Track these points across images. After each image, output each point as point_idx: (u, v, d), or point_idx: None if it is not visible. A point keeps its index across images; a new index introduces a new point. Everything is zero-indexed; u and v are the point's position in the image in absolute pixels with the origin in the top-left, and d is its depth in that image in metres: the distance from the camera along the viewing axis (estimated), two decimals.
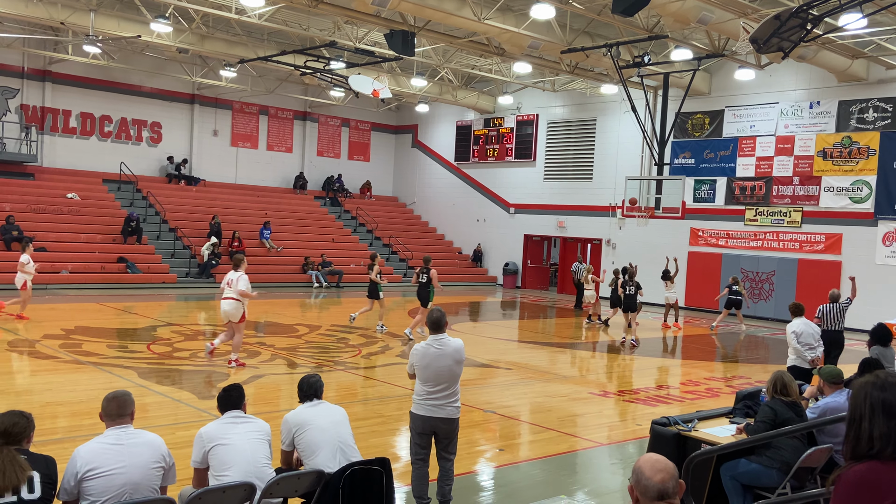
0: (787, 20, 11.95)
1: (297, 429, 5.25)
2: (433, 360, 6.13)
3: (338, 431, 5.30)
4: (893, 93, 20.84)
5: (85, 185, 26.71)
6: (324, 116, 33.78)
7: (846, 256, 21.66)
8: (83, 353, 12.73)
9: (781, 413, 6.01)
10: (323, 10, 18.46)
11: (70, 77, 27.05)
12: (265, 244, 27.09)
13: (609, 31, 21.13)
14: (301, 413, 5.37)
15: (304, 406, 5.46)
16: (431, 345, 6.19)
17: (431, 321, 6.27)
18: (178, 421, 9.00)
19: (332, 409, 5.50)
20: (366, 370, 12.66)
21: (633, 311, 17.25)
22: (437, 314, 6.32)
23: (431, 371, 6.13)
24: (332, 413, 5.43)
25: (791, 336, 9.97)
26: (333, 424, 5.32)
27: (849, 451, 2.55)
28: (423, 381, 6.17)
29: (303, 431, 5.23)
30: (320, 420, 5.29)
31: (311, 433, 5.21)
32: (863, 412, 2.51)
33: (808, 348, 9.90)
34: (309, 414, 5.34)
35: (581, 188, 28.27)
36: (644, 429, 8.21)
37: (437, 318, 6.30)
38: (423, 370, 6.16)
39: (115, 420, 4.42)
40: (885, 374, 2.60)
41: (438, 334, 6.25)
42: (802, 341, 9.90)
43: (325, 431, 5.23)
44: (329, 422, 5.32)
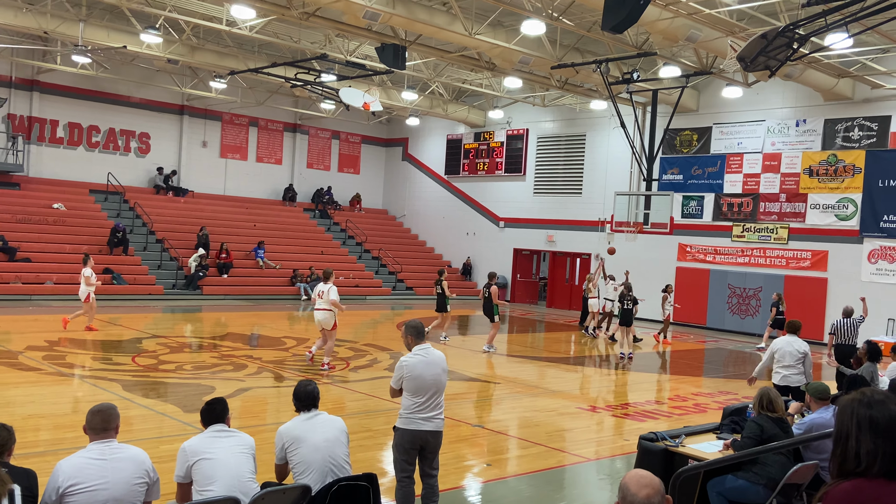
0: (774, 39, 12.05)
1: (291, 444, 5.11)
2: (424, 370, 6.02)
3: (331, 451, 5.14)
4: (879, 112, 21.06)
5: (71, 196, 26.55)
6: (314, 129, 33.78)
7: (832, 273, 21.79)
8: (67, 364, 12.61)
9: (768, 429, 6.02)
10: (314, 23, 18.50)
11: (58, 87, 26.95)
12: (259, 262, 26.89)
13: (599, 48, 21.28)
14: (295, 427, 5.21)
15: (300, 418, 5.29)
16: (418, 354, 6.07)
17: (416, 330, 6.15)
18: (162, 434, 8.91)
19: (330, 423, 5.31)
20: (353, 383, 12.59)
21: (628, 326, 17.27)
22: (418, 323, 6.21)
23: (421, 382, 6.01)
24: (328, 429, 5.25)
25: (769, 351, 9.79)
26: (327, 443, 5.15)
27: (835, 469, 2.54)
28: (413, 394, 6.01)
29: (295, 448, 5.09)
30: (315, 437, 5.14)
31: (304, 451, 5.07)
32: (849, 429, 2.51)
33: (782, 367, 9.57)
34: (304, 429, 5.19)
35: (570, 203, 28.36)
36: (632, 444, 8.20)
37: (419, 327, 6.19)
38: (412, 381, 5.99)
39: (99, 434, 4.35)
40: (872, 391, 2.59)
41: (422, 343, 6.16)
42: (778, 359, 9.62)
43: (319, 451, 5.09)
44: (323, 439, 5.15)
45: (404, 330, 6.21)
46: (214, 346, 15.73)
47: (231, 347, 15.48)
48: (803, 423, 6.56)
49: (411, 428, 6.07)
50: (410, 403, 6.05)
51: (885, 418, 2.47)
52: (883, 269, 20.89)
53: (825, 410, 6.55)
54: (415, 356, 6.06)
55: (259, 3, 17.41)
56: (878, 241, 20.96)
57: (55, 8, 20.29)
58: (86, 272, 16.50)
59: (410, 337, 6.15)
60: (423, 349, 6.10)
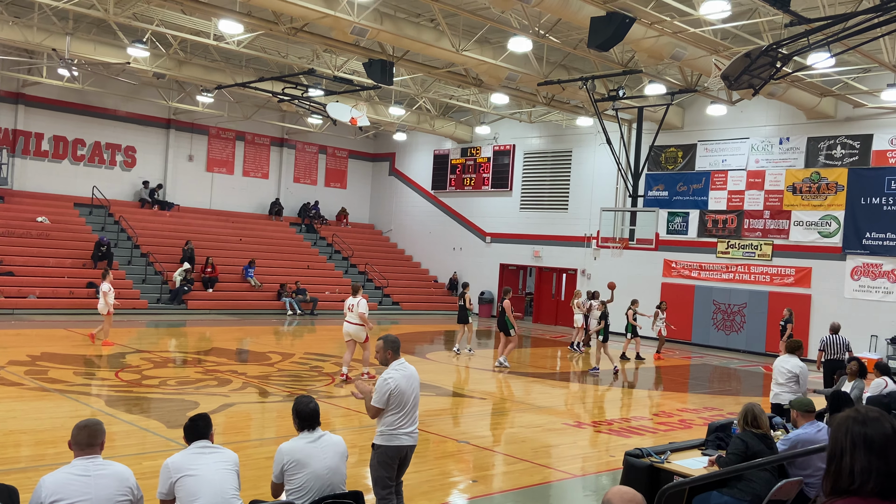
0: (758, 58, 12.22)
1: (292, 466, 5.04)
2: (406, 386, 6.00)
3: (332, 480, 5.09)
4: (861, 130, 21.33)
5: (56, 209, 26.37)
6: (301, 143, 33.79)
7: (815, 290, 21.97)
8: (49, 380, 12.48)
9: (752, 445, 6.04)
10: (302, 38, 18.56)
11: (43, 100, 26.83)
12: (250, 282, 26.73)
13: (585, 65, 21.45)
14: (299, 449, 5.12)
15: (303, 439, 5.22)
16: (398, 370, 6.05)
17: (394, 345, 6.12)
18: (145, 450, 8.83)
19: (332, 447, 5.25)
20: (339, 399, 12.53)
21: (606, 341, 17.36)
22: (395, 338, 6.18)
23: (403, 397, 5.99)
24: (331, 455, 5.18)
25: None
26: (329, 472, 5.09)
27: (829, 487, 2.55)
28: (397, 409, 5.98)
29: (296, 472, 5.03)
30: (318, 464, 5.07)
31: (304, 477, 5.01)
32: (843, 447, 2.51)
33: (775, 384, 9.59)
34: (307, 452, 5.11)
35: (556, 218, 28.47)
36: (617, 460, 8.20)
37: (397, 342, 6.17)
38: (398, 396, 5.96)
39: (84, 449, 4.31)
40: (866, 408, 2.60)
41: (399, 358, 6.14)
42: (774, 377, 9.69)
43: (319, 479, 5.03)
44: (325, 468, 5.09)
45: (382, 344, 6.12)
46: (199, 361, 15.62)
47: (216, 362, 15.38)
48: (788, 438, 6.58)
49: (395, 444, 6.06)
50: (394, 419, 6.02)
51: (880, 436, 2.48)
52: (865, 286, 21.09)
53: (810, 426, 6.57)
54: (396, 371, 6.03)
55: (247, 18, 17.46)
56: (861, 257, 21.17)
57: (42, 21, 20.24)
58: (104, 287, 16.64)
59: (389, 352, 6.09)
60: (400, 364, 6.09)
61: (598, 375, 16.79)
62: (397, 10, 18.58)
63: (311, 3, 15.64)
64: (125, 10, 18.28)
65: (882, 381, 9.49)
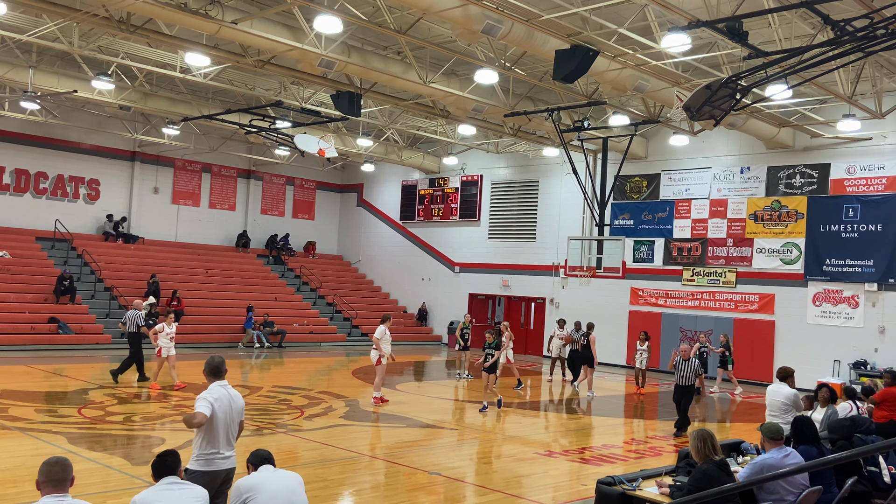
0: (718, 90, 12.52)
1: (249, 494, 5.05)
2: (219, 408, 6.05)
3: (290, 499, 5.11)
4: (818, 160, 21.89)
5: (16, 243, 25.87)
6: (268, 174, 33.68)
7: (779, 316, 22.32)
8: (9, 417, 12.15)
9: (716, 479, 5.83)
10: (269, 70, 18.60)
11: (5, 133, 26.44)
12: (251, 334, 26.11)
13: (550, 97, 21.79)
14: (253, 478, 5.19)
15: (256, 472, 5.28)
16: (225, 389, 6.12)
17: (212, 367, 6.21)
18: (108, 489, 8.62)
19: (287, 475, 5.33)
20: (307, 432, 12.37)
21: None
22: (214, 360, 6.26)
23: (216, 421, 6.04)
24: (287, 477, 5.26)
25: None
26: (287, 491, 5.13)
27: None
28: (219, 430, 6.01)
29: (254, 497, 5.04)
30: (273, 485, 5.12)
31: (263, 498, 5.03)
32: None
33: (770, 415, 9.43)
34: (262, 478, 5.16)
35: (525, 248, 28.65)
36: (589, 489, 8.19)
37: (213, 364, 6.25)
38: (211, 420, 5.98)
39: (56, 486, 4.20)
40: None
41: (220, 380, 6.20)
42: (767, 405, 9.58)
43: (278, 498, 5.06)
44: (283, 487, 5.14)
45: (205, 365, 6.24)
46: (164, 397, 15.33)
47: (182, 397, 15.11)
48: (755, 463, 6.60)
49: (212, 469, 6.03)
50: (208, 442, 6.05)
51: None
52: (827, 312, 21.48)
53: (778, 451, 6.60)
54: (210, 394, 6.10)
55: (214, 51, 17.47)
56: (822, 284, 21.59)
57: (4, 54, 20.04)
58: (157, 326, 16.48)
59: (206, 374, 6.20)
60: (224, 384, 6.19)
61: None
62: (364, 43, 18.74)
63: (279, 36, 15.72)
64: (90, 43, 18.18)
65: (847, 405, 9.63)
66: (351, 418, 13.89)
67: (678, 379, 13.64)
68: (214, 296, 27.38)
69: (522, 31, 14.33)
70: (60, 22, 16.40)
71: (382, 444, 12.25)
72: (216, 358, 6.31)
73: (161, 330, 16.33)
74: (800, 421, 7.51)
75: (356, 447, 11.54)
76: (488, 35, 14.04)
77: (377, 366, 15.17)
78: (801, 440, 7.04)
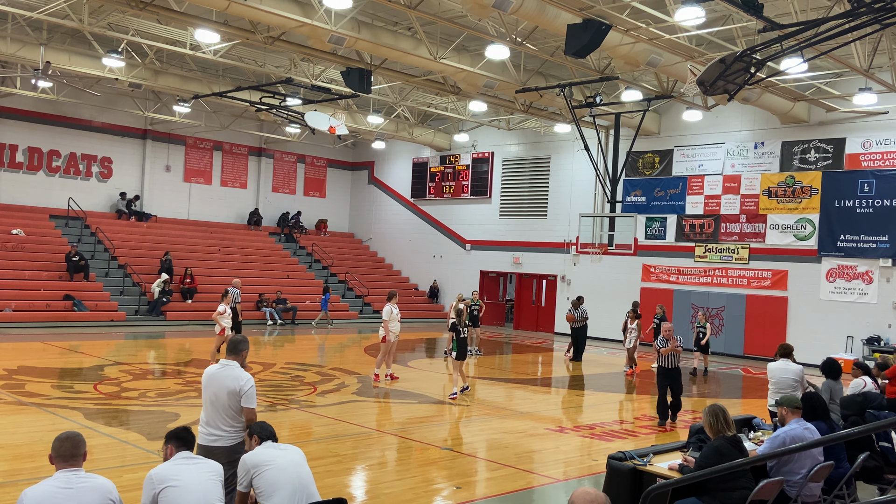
0: (732, 64, 12.37)
1: (256, 469, 5.11)
2: (205, 383, 6.19)
3: (298, 472, 5.18)
4: (833, 134, 21.65)
5: (31, 221, 26.05)
6: (279, 152, 33.67)
7: (792, 292, 22.22)
8: (26, 393, 12.31)
9: (728, 455, 5.83)
10: (279, 47, 18.52)
11: (17, 111, 26.53)
12: (323, 314, 26.69)
13: (562, 72, 21.60)
14: (259, 453, 5.24)
15: (261, 447, 5.34)
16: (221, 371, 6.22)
17: (232, 345, 6.32)
18: (125, 463, 8.73)
19: (291, 449, 5.40)
20: (320, 408, 12.47)
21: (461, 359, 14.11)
22: (235, 338, 6.39)
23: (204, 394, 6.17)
24: (292, 453, 5.32)
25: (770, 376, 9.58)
26: (293, 464, 5.20)
27: None
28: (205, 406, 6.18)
29: (261, 471, 5.09)
30: (280, 460, 5.18)
31: (271, 473, 5.08)
32: None
33: (776, 391, 9.31)
34: (268, 454, 5.22)
35: (536, 225, 28.59)
36: (600, 464, 8.23)
37: (232, 342, 6.35)
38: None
39: (67, 461, 4.27)
40: None
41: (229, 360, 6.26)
42: (774, 382, 9.45)
43: (285, 471, 5.11)
44: (289, 461, 5.20)
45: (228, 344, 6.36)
46: (179, 373, 15.48)
47: (196, 373, 15.24)
48: (776, 435, 6.57)
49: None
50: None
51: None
52: (841, 288, 21.36)
53: (797, 423, 6.58)
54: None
55: (224, 27, 17.40)
56: (836, 260, 21.45)
57: (15, 32, 20.03)
58: (220, 308, 16.38)
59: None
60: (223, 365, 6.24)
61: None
62: (375, 19, 18.61)
63: (289, 12, 15.63)
64: (100, 21, 18.14)
65: (861, 381, 9.58)
66: (363, 394, 13.99)
67: (661, 360, 12.53)
68: (227, 273, 27.49)
69: (534, 5, 14.18)
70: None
71: (394, 419, 12.33)
72: (237, 336, 6.39)
73: (224, 311, 16.31)
74: (810, 396, 7.49)
75: (368, 423, 11.63)
76: (499, 9, 13.89)
77: (382, 343, 15.16)
78: (812, 416, 7.03)
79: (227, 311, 16.33)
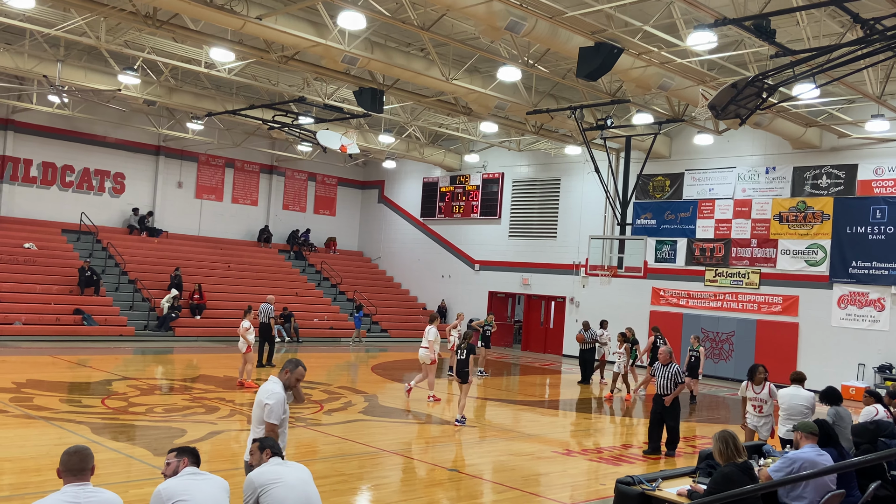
0: (744, 88, 12.38)
1: (263, 488, 5.04)
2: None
3: (305, 490, 5.12)
4: (845, 160, 21.59)
5: (43, 235, 26.23)
6: (290, 170, 33.85)
7: (803, 318, 22.07)
8: (34, 407, 12.33)
9: (738, 482, 5.70)
10: (293, 66, 18.68)
11: (33, 126, 26.81)
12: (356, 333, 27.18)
13: (573, 95, 21.68)
14: (266, 471, 5.19)
15: (267, 465, 5.31)
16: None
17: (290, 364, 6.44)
18: (130, 478, 8.71)
19: (298, 467, 5.37)
20: (327, 426, 12.42)
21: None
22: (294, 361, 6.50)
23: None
24: (299, 471, 5.29)
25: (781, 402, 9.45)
26: (301, 482, 5.16)
27: None
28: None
29: (269, 490, 5.02)
30: (288, 478, 5.13)
31: (279, 491, 5.02)
32: None
33: (787, 419, 9.20)
34: (275, 471, 5.17)
35: (545, 246, 28.56)
36: (608, 488, 8.16)
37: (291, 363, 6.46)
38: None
39: (75, 475, 4.25)
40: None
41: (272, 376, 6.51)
42: (785, 409, 9.34)
43: (294, 489, 5.06)
44: (297, 479, 5.16)
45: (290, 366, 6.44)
46: (186, 389, 15.48)
47: (203, 389, 15.24)
48: (788, 456, 6.46)
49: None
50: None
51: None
52: (852, 315, 21.20)
53: (812, 448, 6.49)
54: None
55: (239, 46, 17.58)
56: (847, 286, 21.30)
57: (33, 48, 20.29)
58: (244, 324, 16.29)
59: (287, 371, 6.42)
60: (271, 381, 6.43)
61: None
62: (388, 40, 18.76)
63: (303, 32, 15.78)
64: (117, 38, 18.36)
65: (873, 409, 9.46)
66: (370, 414, 13.93)
67: (658, 388, 11.93)
68: (236, 290, 27.55)
69: (546, 28, 14.27)
70: (88, 16, 16.58)
71: (401, 439, 12.27)
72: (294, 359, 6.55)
73: (249, 328, 16.25)
74: (822, 423, 7.42)
75: (375, 442, 11.57)
76: (512, 32, 13.99)
77: (431, 365, 15.42)
78: (825, 442, 6.95)
79: (251, 328, 16.34)
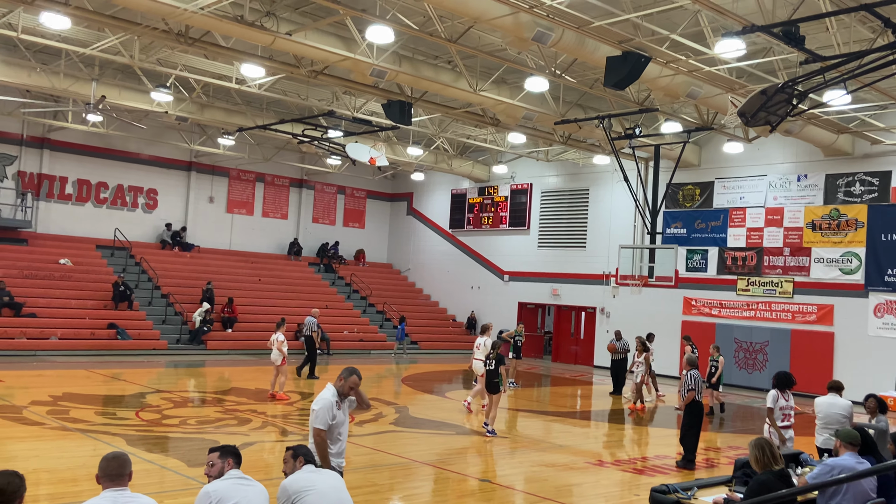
0: (774, 95, 12.26)
1: (297, 495, 5.09)
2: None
3: (339, 497, 5.18)
4: (879, 167, 21.25)
5: (78, 251, 26.71)
6: (320, 184, 34.14)
7: (838, 327, 21.69)
8: (70, 419, 12.53)
9: (775, 490, 5.64)
10: (322, 80, 18.89)
11: (68, 144, 27.37)
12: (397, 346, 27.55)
13: (601, 104, 21.63)
14: (301, 479, 5.24)
15: (301, 472, 5.35)
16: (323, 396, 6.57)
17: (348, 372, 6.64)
18: (164, 489, 8.81)
19: (331, 474, 5.41)
20: (358, 437, 12.46)
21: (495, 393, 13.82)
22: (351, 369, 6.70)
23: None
24: (333, 479, 5.33)
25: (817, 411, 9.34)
26: (334, 490, 5.21)
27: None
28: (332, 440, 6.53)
29: (303, 497, 5.08)
30: (321, 485, 5.19)
31: (312, 498, 5.08)
32: None
33: (824, 427, 9.12)
34: (308, 479, 5.22)
35: (575, 256, 28.43)
36: (642, 499, 8.08)
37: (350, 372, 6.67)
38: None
39: (113, 481, 4.35)
40: None
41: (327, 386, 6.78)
42: (822, 417, 9.25)
43: (326, 496, 5.11)
44: (330, 486, 5.21)
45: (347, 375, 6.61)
46: (219, 401, 15.63)
47: (235, 402, 15.37)
48: (827, 463, 6.39)
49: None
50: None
51: None
52: (889, 324, 20.80)
53: (852, 456, 6.41)
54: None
55: (269, 62, 17.82)
56: (884, 294, 20.91)
57: (68, 68, 20.75)
58: (279, 337, 16.53)
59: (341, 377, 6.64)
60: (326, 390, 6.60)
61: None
62: (415, 53, 18.90)
63: (332, 47, 15.96)
64: (150, 57, 18.72)
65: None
66: (401, 425, 13.95)
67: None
68: (267, 303, 27.79)
69: (573, 39, 14.28)
70: (122, 36, 16.93)
71: (432, 450, 12.26)
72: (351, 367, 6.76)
73: (283, 340, 16.44)
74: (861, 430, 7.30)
75: (406, 453, 11.58)
76: (539, 43, 14.01)
77: (482, 377, 14.92)
78: (863, 451, 6.84)
79: (285, 340, 16.54)
